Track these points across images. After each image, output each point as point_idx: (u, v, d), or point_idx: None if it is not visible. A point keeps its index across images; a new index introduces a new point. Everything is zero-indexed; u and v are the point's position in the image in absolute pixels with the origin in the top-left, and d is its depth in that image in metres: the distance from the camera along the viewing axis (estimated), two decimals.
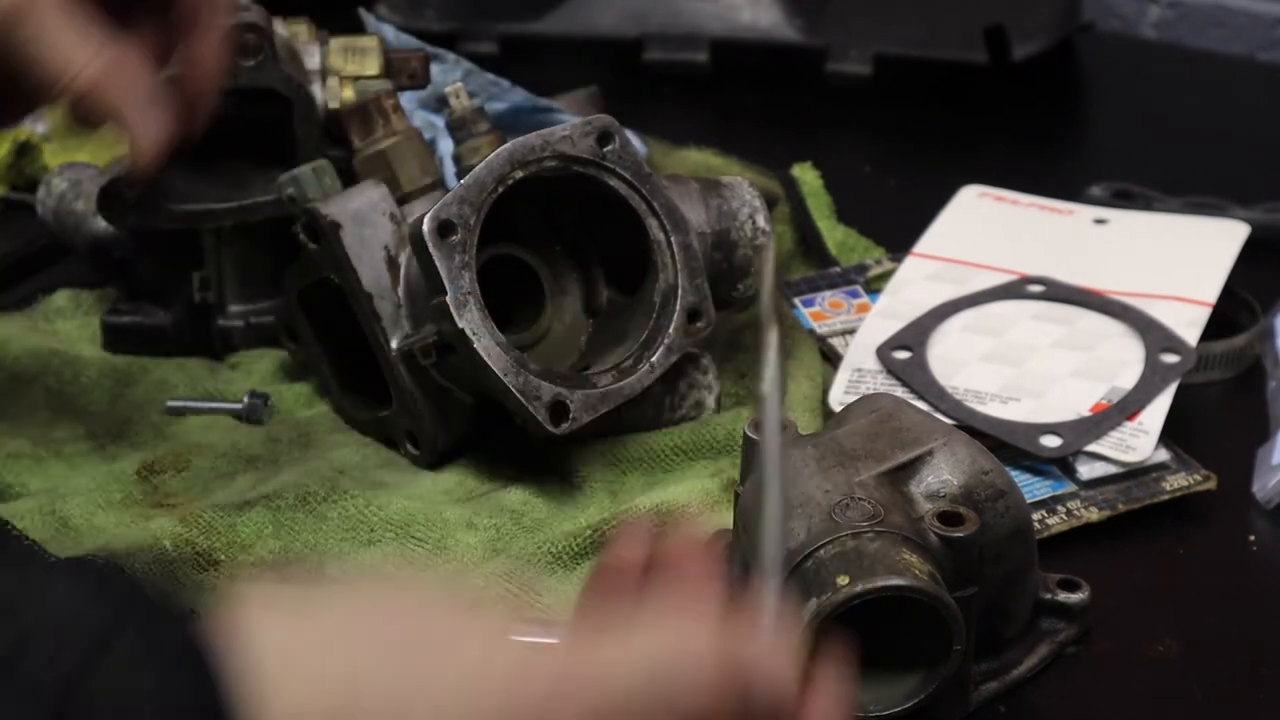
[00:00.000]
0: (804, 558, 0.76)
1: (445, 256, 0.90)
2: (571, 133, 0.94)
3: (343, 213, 0.97)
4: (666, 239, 0.96)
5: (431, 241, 0.90)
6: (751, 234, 1.00)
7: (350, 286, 0.97)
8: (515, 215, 0.97)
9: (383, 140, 1.04)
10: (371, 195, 0.98)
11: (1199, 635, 0.88)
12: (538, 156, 0.93)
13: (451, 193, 0.91)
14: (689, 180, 1.02)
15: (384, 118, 1.04)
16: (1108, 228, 1.15)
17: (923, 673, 0.77)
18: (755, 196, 1.01)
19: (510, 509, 0.92)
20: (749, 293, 1.01)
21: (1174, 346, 1.01)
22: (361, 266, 0.96)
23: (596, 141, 0.94)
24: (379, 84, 1.08)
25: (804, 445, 0.81)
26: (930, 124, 1.09)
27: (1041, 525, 0.91)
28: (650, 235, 0.96)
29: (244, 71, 1.03)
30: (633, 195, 0.95)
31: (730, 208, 1.00)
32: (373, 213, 0.98)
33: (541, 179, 0.94)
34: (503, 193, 0.93)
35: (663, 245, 0.96)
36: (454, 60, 1.23)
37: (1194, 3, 1.60)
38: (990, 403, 0.98)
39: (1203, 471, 0.96)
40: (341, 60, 1.09)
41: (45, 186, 1.12)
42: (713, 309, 0.97)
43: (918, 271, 1.11)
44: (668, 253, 0.96)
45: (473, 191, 0.91)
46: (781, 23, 1.46)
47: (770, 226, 1.01)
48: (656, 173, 0.97)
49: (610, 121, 0.95)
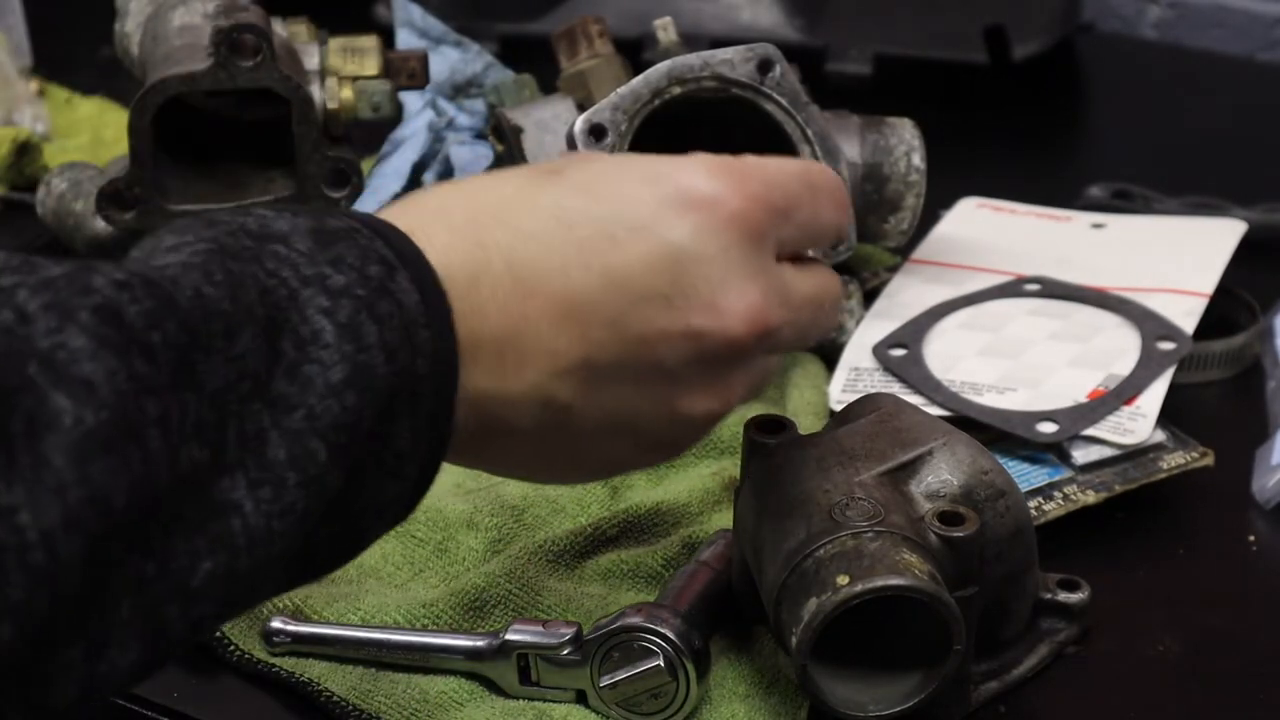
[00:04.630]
0: (804, 557, 0.76)
1: None
2: (733, 57, 0.98)
3: (526, 118, 1.06)
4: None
5: (581, 141, 0.96)
6: (905, 170, 1.06)
7: None
8: (698, 138, 1.01)
9: (585, 61, 1.11)
10: (556, 107, 1.07)
11: (1199, 635, 0.88)
12: (696, 75, 0.97)
13: (606, 99, 0.97)
14: (850, 115, 1.08)
15: (588, 40, 1.12)
16: (1105, 231, 1.16)
17: (923, 673, 0.77)
18: (915, 137, 1.07)
19: (511, 506, 0.92)
20: (900, 226, 1.07)
21: (1170, 334, 1.01)
22: None
23: (757, 68, 0.98)
24: (378, 84, 1.08)
25: (804, 445, 0.81)
26: (930, 124, 1.09)
27: (1039, 512, 0.91)
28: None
29: (242, 72, 1.03)
30: (788, 121, 0.99)
31: (887, 143, 1.07)
32: (555, 121, 1.05)
33: (704, 102, 0.98)
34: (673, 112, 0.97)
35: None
36: (477, 50, 1.24)
37: (1194, 3, 1.59)
38: (987, 394, 0.98)
39: (1200, 448, 0.96)
40: (340, 60, 1.09)
41: (45, 186, 1.12)
42: (855, 235, 1.02)
43: (915, 275, 1.11)
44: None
45: (627, 100, 0.96)
46: (781, 23, 1.46)
47: (924, 166, 1.07)
48: (813, 103, 1.01)
49: (772, 50, 0.99)
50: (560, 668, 0.81)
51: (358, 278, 0.60)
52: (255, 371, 0.57)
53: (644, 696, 0.80)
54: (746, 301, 0.67)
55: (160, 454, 0.54)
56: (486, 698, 0.82)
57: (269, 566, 0.59)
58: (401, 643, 0.83)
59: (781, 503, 0.79)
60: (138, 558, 0.55)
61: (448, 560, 0.89)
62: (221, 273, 0.58)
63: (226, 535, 0.57)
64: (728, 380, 0.69)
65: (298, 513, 0.58)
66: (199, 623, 0.57)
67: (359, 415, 0.59)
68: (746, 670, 0.83)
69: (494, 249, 0.65)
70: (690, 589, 0.84)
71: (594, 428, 0.68)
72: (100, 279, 0.55)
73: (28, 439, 0.52)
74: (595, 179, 0.68)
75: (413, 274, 0.62)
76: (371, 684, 0.82)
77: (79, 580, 0.53)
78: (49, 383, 0.52)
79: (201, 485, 0.56)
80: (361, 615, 0.85)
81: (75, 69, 1.40)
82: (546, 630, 0.81)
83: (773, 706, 0.81)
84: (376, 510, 0.63)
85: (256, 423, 0.57)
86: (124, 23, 1.14)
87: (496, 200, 0.67)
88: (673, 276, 0.66)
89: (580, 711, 0.81)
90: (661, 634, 0.79)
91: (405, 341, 0.61)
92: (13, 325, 0.53)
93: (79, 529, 0.52)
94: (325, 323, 0.59)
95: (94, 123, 1.35)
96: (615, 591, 0.88)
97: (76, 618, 0.54)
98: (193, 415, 0.56)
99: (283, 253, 0.60)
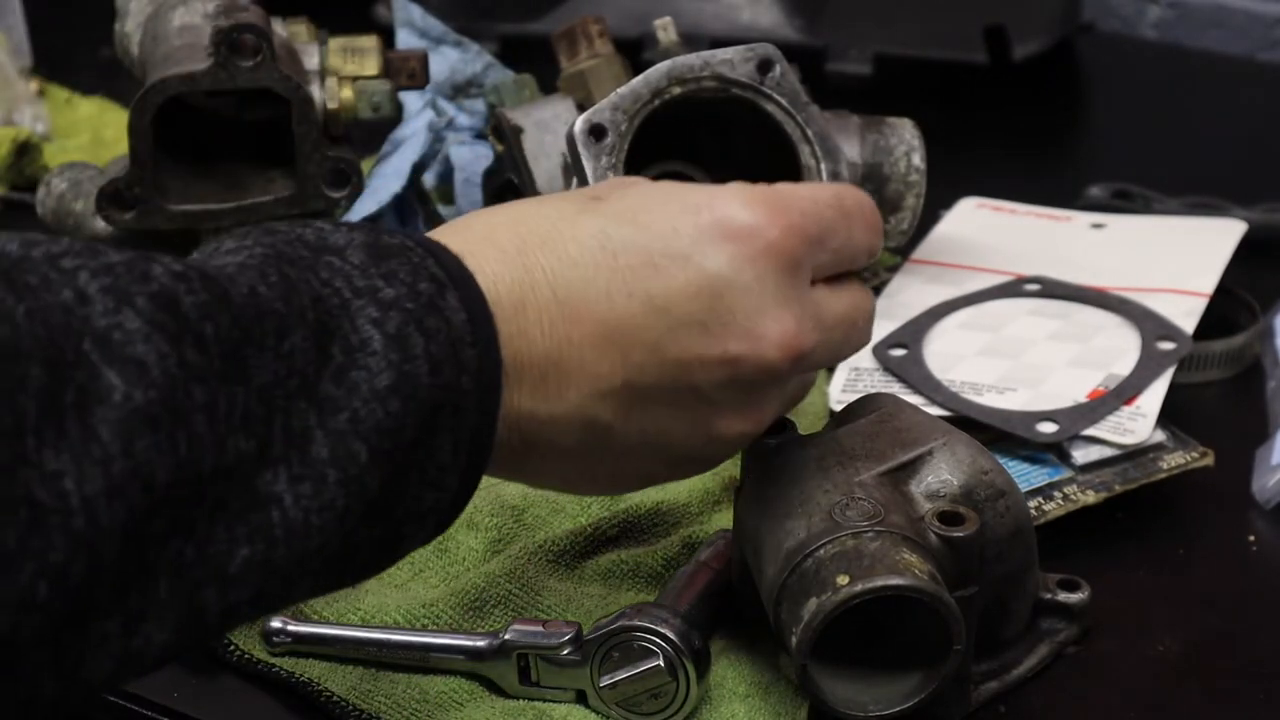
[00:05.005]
0: (804, 557, 0.76)
1: (593, 157, 0.95)
2: (733, 57, 0.98)
3: (526, 118, 1.06)
4: (816, 165, 1.00)
5: (581, 141, 0.95)
6: (905, 170, 1.07)
7: (526, 186, 1.04)
8: (697, 138, 1.04)
9: (585, 61, 1.11)
10: (557, 107, 1.07)
11: (1199, 635, 0.88)
12: (696, 75, 0.97)
13: (606, 99, 0.96)
14: (850, 115, 1.08)
15: (588, 40, 1.12)
16: (1105, 231, 1.16)
17: (923, 673, 0.77)
18: (915, 137, 1.07)
19: (511, 506, 0.92)
20: (900, 226, 1.07)
21: (1170, 334, 1.01)
22: (537, 168, 1.04)
23: (757, 69, 0.98)
24: (378, 84, 1.08)
25: (804, 445, 0.81)
26: (930, 124, 1.09)
27: (1039, 512, 0.91)
28: (801, 161, 0.99)
29: (242, 72, 1.03)
30: (788, 121, 0.99)
31: (887, 143, 1.07)
32: (555, 121, 1.06)
33: (703, 102, 0.98)
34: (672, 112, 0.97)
35: (812, 171, 1.00)
36: (477, 50, 1.24)
37: (1194, 3, 1.59)
38: (987, 394, 0.98)
39: (1200, 448, 0.96)
40: (340, 60, 1.09)
41: (45, 186, 1.12)
42: None
43: (915, 275, 1.11)
44: (817, 179, 1.00)
45: (627, 100, 0.96)
46: (781, 22, 1.46)
47: (924, 166, 1.06)
48: (813, 103, 1.01)
49: (772, 50, 0.99)
50: (560, 668, 0.81)
51: (408, 292, 0.63)
52: (303, 371, 0.60)
53: (644, 696, 0.80)
54: (782, 328, 0.70)
55: (206, 440, 0.57)
56: (486, 698, 0.82)
57: (306, 561, 0.60)
58: (401, 643, 0.83)
59: (781, 503, 0.79)
60: (179, 539, 0.57)
61: (448, 560, 0.89)
62: (277, 275, 0.61)
63: (266, 526, 0.59)
64: (761, 403, 0.72)
65: (337, 510, 0.60)
66: (234, 609, 0.59)
67: (402, 422, 0.62)
68: (746, 670, 0.83)
69: (540, 274, 0.68)
70: (690, 589, 0.84)
71: (632, 446, 0.71)
72: (159, 268, 0.58)
73: (78, 411, 0.54)
74: (637, 207, 0.71)
75: (462, 295, 0.65)
76: (371, 684, 0.82)
77: (118, 551, 0.55)
78: (102, 360, 0.55)
79: (245, 476, 0.58)
80: (361, 615, 0.85)
81: (75, 69, 1.40)
82: (546, 630, 0.81)
83: (773, 706, 0.81)
84: (417, 517, 0.65)
85: (302, 420, 0.59)
86: (124, 23, 1.14)
87: (542, 227, 0.69)
88: (711, 304, 0.69)
89: (580, 711, 0.81)
90: (661, 634, 0.79)
91: (451, 357, 0.63)
92: (72, 305, 0.55)
93: (121, 500, 0.54)
94: (374, 332, 0.62)
95: (94, 123, 1.35)
96: (615, 591, 0.88)
97: (115, 590, 0.56)
98: (240, 407, 0.58)
99: (337, 264, 0.63)
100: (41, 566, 0.53)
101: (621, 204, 0.71)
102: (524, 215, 0.71)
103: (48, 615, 0.54)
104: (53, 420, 0.54)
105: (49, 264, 0.57)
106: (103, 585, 0.55)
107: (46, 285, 0.56)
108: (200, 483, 0.57)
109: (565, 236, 0.69)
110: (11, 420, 0.53)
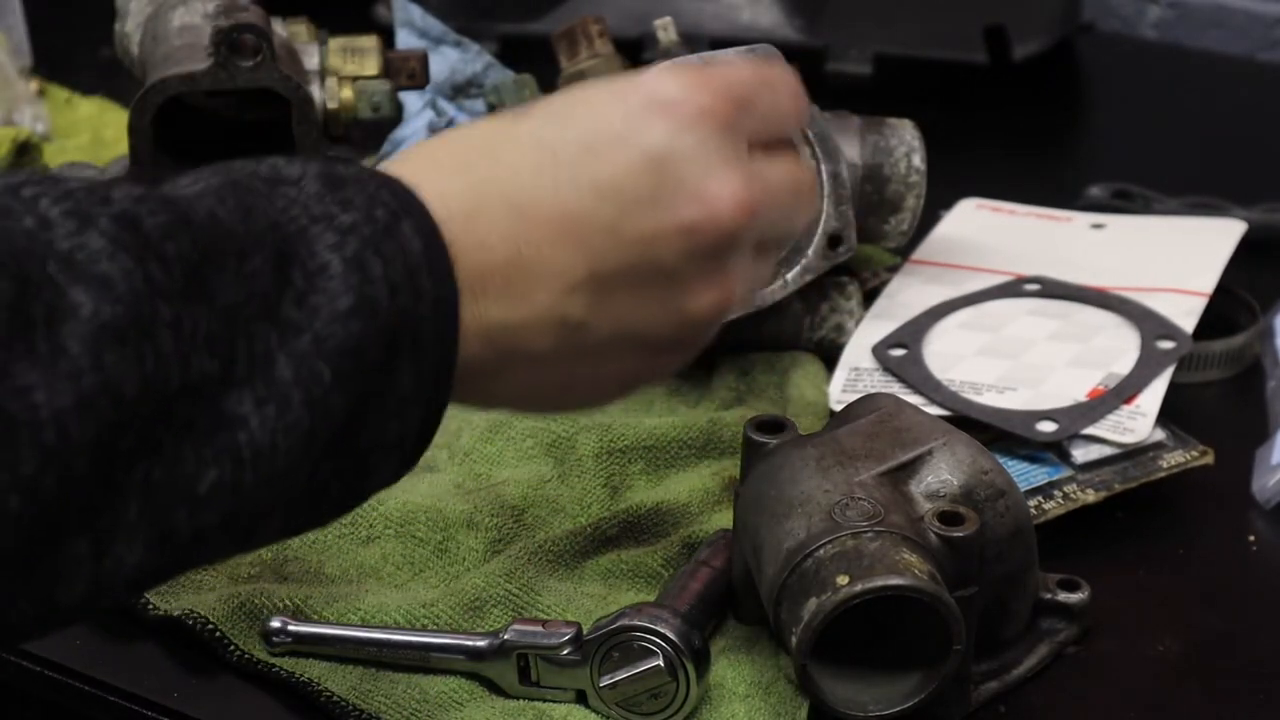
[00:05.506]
0: (804, 557, 0.76)
1: None
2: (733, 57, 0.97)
3: None
4: (816, 165, 1.00)
5: None
6: (905, 171, 1.06)
7: None
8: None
9: (585, 61, 1.11)
10: None
11: (1199, 635, 0.88)
12: None
13: None
14: (851, 116, 1.07)
15: (588, 40, 1.12)
16: (1105, 231, 1.16)
17: (923, 672, 0.77)
18: (915, 138, 1.07)
19: (511, 506, 0.92)
20: (900, 227, 1.07)
21: (1169, 333, 1.01)
22: None
23: None
24: (378, 84, 1.08)
25: (804, 445, 0.81)
26: (930, 124, 1.09)
27: (1039, 511, 0.91)
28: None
29: (242, 72, 1.03)
30: None
31: (887, 144, 1.06)
32: None
33: None
34: None
35: (812, 170, 0.99)
36: (477, 50, 1.24)
37: (1194, 3, 1.59)
38: (986, 393, 0.98)
39: (1199, 447, 0.96)
40: (340, 60, 1.09)
41: None
42: (854, 236, 1.02)
43: (915, 275, 1.11)
44: (817, 180, 1.00)
45: None
46: (781, 22, 1.46)
47: (924, 167, 1.06)
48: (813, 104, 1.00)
49: (772, 50, 0.98)
50: (560, 668, 0.81)
51: (364, 218, 0.64)
52: (264, 294, 0.61)
53: (644, 696, 0.80)
54: (730, 188, 0.71)
55: (172, 357, 0.57)
56: (486, 698, 0.82)
57: (274, 486, 0.61)
58: (401, 643, 0.83)
59: (781, 503, 0.79)
60: (147, 460, 0.58)
61: (448, 560, 0.89)
62: (234, 200, 0.62)
63: (233, 447, 0.59)
64: (725, 270, 0.72)
65: (302, 431, 0.61)
66: (203, 533, 0.60)
67: (363, 343, 0.62)
68: (746, 670, 0.83)
69: (487, 185, 0.68)
70: (690, 589, 0.84)
71: (606, 341, 0.71)
72: (119, 193, 0.59)
73: (47, 326, 0.55)
74: (564, 107, 0.72)
75: (416, 223, 0.65)
76: (371, 684, 0.82)
77: (87, 466, 0.56)
78: (68, 280, 0.56)
79: (212, 397, 0.59)
80: (361, 615, 0.85)
81: (75, 69, 1.40)
82: (546, 630, 0.81)
83: (773, 706, 0.81)
84: (382, 449, 0.65)
85: (265, 343, 0.60)
86: (124, 23, 1.14)
87: (480, 141, 0.71)
88: (657, 178, 0.70)
89: (580, 711, 0.81)
90: (661, 634, 0.79)
91: (408, 283, 0.64)
92: (35, 230, 0.56)
93: (90, 414, 0.55)
94: (333, 256, 0.62)
95: (94, 123, 1.35)
96: (615, 591, 0.88)
97: (85, 510, 0.56)
98: (204, 327, 0.59)
99: (293, 194, 0.64)
100: (13, 479, 0.54)
101: (551, 107, 0.72)
102: (461, 135, 0.73)
103: (19, 530, 0.55)
104: (22, 334, 0.54)
105: (9, 194, 0.57)
106: (73, 503, 0.56)
107: (7, 213, 0.57)
108: (167, 400, 0.58)
109: (503, 146, 0.70)
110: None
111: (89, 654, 0.85)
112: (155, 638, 0.86)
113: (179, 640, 0.85)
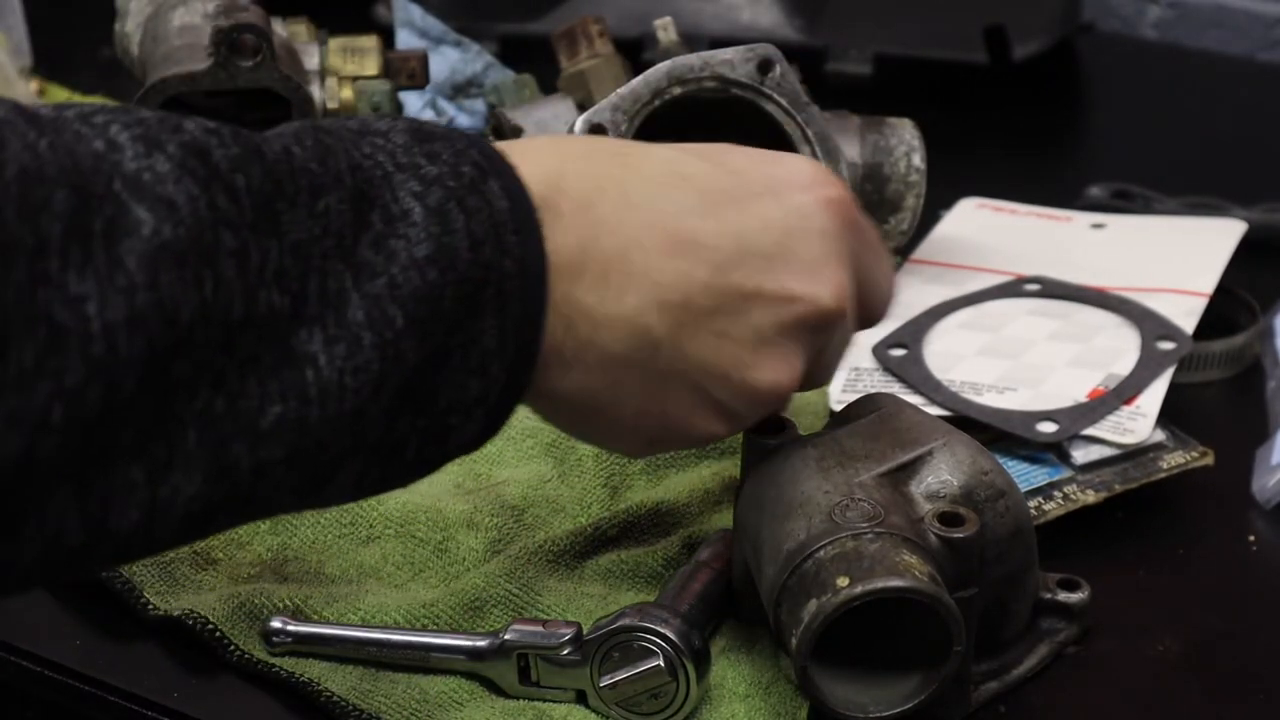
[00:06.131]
0: (803, 558, 0.76)
1: None
2: (733, 57, 0.98)
3: (526, 118, 1.06)
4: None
5: None
6: (905, 170, 1.06)
7: None
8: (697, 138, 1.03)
9: (585, 61, 1.11)
10: (557, 107, 1.07)
11: (1199, 635, 0.88)
12: (696, 75, 0.98)
13: (606, 99, 0.96)
14: (850, 115, 1.07)
15: (588, 40, 1.12)
16: (1105, 231, 1.16)
17: (923, 673, 0.77)
18: (915, 137, 1.07)
19: (511, 506, 0.92)
20: (900, 226, 1.07)
21: (1170, 334, 1.01)
22: None
23: (757, 69, 0.98)
24: (378, 84, 1.08)
25: (804, 445, 0.81)
26: (930, 124, 1.09)
27: (1039, 512, 0.91)
28: None
29: (242, 72, 1.03)
30: (788, 121, 0.99)
31: (887, 144, 1.06)
32: (555, 121, 1.05)
33: (704, 102, 0.98)
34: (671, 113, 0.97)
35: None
36: (477, 50, 1.24)
37: (1194, 3, 1.59)
38: (987, 393, 0.98)
39: (1200, 448, 0.96)
40: (340, 60, 1.09)
41: None
42: None
43: (915, 275, 1.11)
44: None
45: (627, 100, 0.96)
46: (781, 23, 1.46)
47: (924, 166, 1.06)
48: (813, 103, 1.01)
49: (772, 50, 0.99)
50: (560, 668, 0.81)
51: (450, 172, 0.64)
52: (340, 233, 0.61)
53: (644, 696, 0.80)
54: (840, 279, 0.72)
55: (235, 286, 0.57)
56: (486, 698, 0.82)
57: (342, 427, 0.61)
58: (401, 643, 0.83)
59: (781, 503, 0.79)
60: (208, 390, 0.57)
61: (448, 560, 0.89)
62: (312, 141, 0.62)
63: (300, 384, 0.59)
64: (800, 355, 0.73)
65: (372, 374, 0.61)
66: (265, 467, 0.60)
67: (440, 292, 0.62)
68: (746, 670, 0.83)
69: (610, 181, 0.69)
70: (690, 589, 0.84)
71: (669, 372, 0.71)
72: (191, 124, 0.59)
73: (105, 239, 0.55)
74: (710, 150, 0.74)
75: (503, 183, 0.65)
76: (371, 684, 0.82)
77: (135, 385, 0.55)
78: (131, 197, 0.56)
79: (279, 333, 0.59)
80: (361, 615, 0.85)
81: (75, 69, 1.40)
82: (546, 630, 0.81)
83: (773, 706, 0.81)
84: (463, 409, 0.65)
85: (339, 282, 0.60)
86: (124, 23, 1.14)
87: (613, 146, 0.73)
88: (781, 240, 0.71)
89: (580, 711, 0.81)
90: (661, 634, 0.79)
91: (493, 237, 0.64)
92: (104, 151, 0.57)
93: (142, 331, 0.55)
94: (415, 204, 0.63)
95: None
96: (615, 591, 0.88)
97: (140, 434, 0.56)
98: (274, 262, 0.59)
99: (380, 143, 0.64)
100: (57, 387, 0.54)
101: (694, 148, 0.74)
102: (594, 138, 0.76)
103: (64, 441, 0.54)
104: (79, 245, 0.54)
105: (81, 120, 0.58)
106: (125, 424, 0.56)
107: (78, 138, 0.57)
108: (230, 331, 0.57)
109: (636, 156, 0.72)
110: (34, 240, 0.53)
111: (89, 654, 0.85)
112: (155, 638, 0.86)
113: (179, 640, 0.85)
